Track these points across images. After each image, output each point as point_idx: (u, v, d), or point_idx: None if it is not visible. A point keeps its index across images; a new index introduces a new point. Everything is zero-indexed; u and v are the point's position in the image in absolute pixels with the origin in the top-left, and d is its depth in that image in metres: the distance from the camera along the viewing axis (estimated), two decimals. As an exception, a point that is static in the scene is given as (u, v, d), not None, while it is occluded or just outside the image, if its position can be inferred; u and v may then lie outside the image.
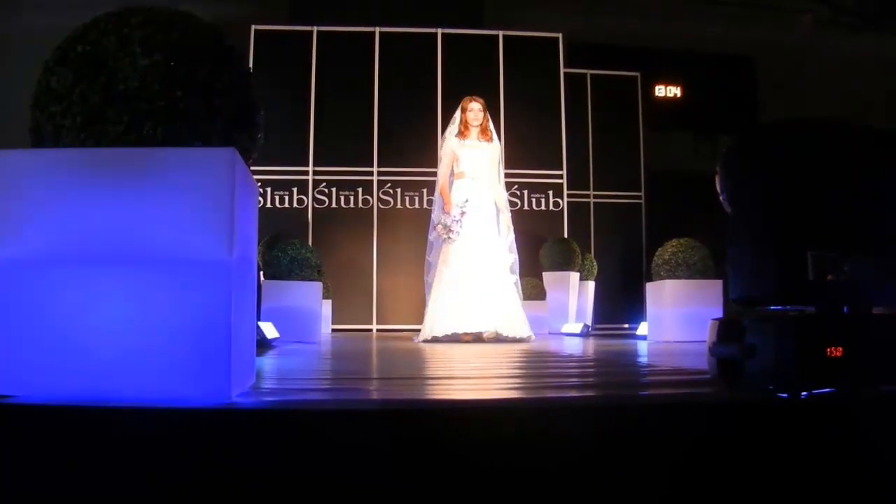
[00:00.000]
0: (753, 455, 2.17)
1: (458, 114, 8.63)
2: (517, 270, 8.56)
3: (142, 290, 2.13)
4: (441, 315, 7.98)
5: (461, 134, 8.52)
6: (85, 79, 2.25)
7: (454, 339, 7.82)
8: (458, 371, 3.87)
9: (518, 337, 7.92)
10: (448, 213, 8.23)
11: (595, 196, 12.87)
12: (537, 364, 4.24)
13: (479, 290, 7.96)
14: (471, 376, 3.55)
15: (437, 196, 8.63)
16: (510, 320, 7.99)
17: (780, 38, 13.15)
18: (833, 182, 2.52)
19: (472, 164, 8.42)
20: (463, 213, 8.14)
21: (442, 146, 8.76)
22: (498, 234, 8.44)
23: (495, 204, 8.52)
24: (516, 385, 3.17)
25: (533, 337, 8.13)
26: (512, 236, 8.65)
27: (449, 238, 8.10)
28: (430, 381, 3.34)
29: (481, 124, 8.53)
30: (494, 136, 8.65)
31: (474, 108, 8.54)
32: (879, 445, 2.25)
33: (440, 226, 8.20)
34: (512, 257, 8.54)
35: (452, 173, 8.51)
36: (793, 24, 12.57)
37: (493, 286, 8.06)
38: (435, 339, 7.83)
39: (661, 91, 14.56)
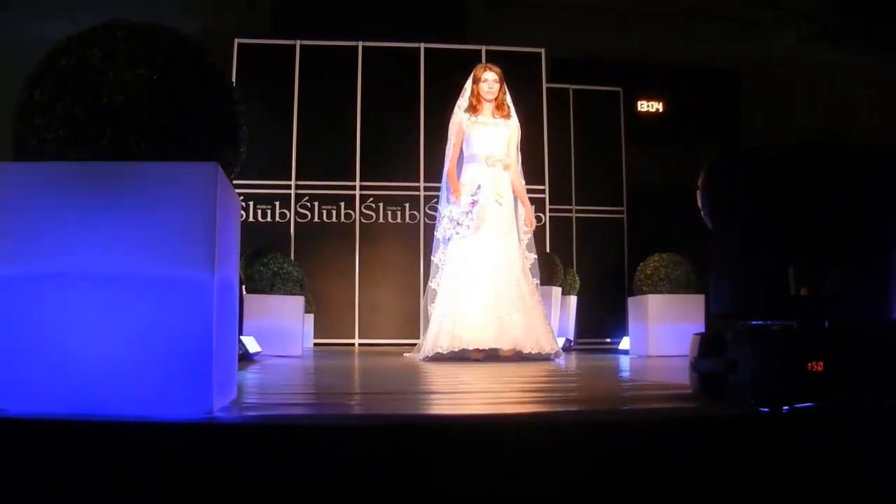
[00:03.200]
0: (735, 469, 2.18)
1: (468, 84, 7.19)
2: (537, 273, 7.22)
3: (123, 304, 2.13)
4: (448, 327, 6.54)
5: (472, 108, 7.05)
6: (69, 92, 2.25)
7: (462, 355, 6.44)
8: (440, 386, 3.88)
9: (543, 353, 6.52)
10: (456, 203, 6.82)
11: (577, 211, 12.87)
12: (520, 379, 4.24)
13: (494, 298, 6.59)
14: (453, 391, 3.55)
15: (444, 183, 7.20)
16: (533, 333, 6.58)
17: (763, 53, 13.22)
18: (813, 198, 2.53)
19: (487, 146, 6.96)
20: (474, 203, 6.69)
21: (451, 122, 7.28)
22: (517, 231, 7.01)
23: (514, 194, 7.08)
24: (498, 400, 3.18)
25: (561, 353, 6.85)
26: (531, 234, 7.23)
27: (457, 233, 6.72)
28: (412, 396, 3.34)
29: (497, 98, 7.05)
30: (513, 112, 7.15)
31: (489, 79, 7.04)
32: (861, 458, 2.26)
33: (446, 219, 6.83)
34: (532, 257, 7.18)
35: (462, 155, 7.08)
36: (775, 39, 12.64)
37: (512, 292, 6.67)
38: (438, 357, 6.44)
39: (643, 106, 14.60)
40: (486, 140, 6.97)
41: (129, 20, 2.40)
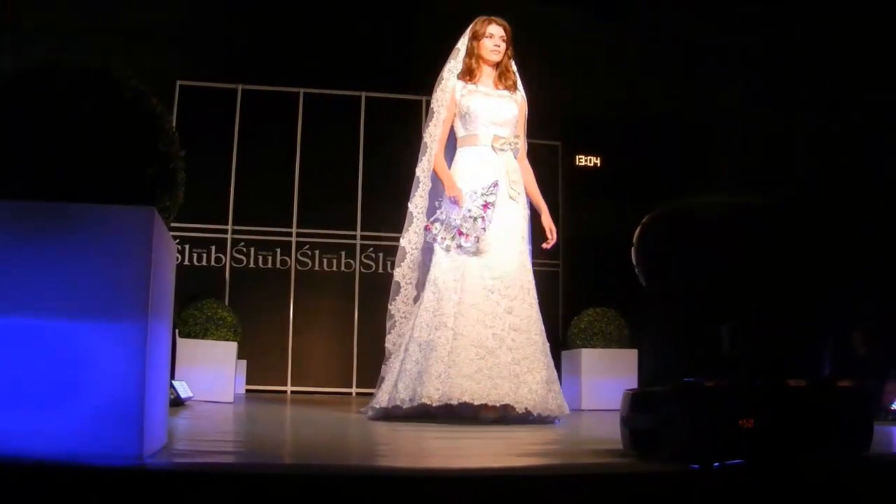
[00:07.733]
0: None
1: (462, 43, 5.35)
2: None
3: (52, 349, 2.10)
4: (436, 371, 4.63)
5: (468, 73, 5.26)
6: (6, 131, 2.23)
7: (457, 412, 4.67)
8: (373, 436, 3.85)
9: (549, 416, 4.82)
10: (455, 202, 4.90)
11: (514, 263, 12.92)
12: (448, 433, 4.21)
13: (501, 337, 4.76)
14: (385, 442, 3.54)
15: (423, 175, 5.33)
16: (542, 389, 4.80)
17: (703, 108, 13.41)
18: (744, 257, 2.57)
19: (493, 123, 5.16)
20: (487, 206, 4.80)
21: (436, 91, 5.43)
22: (528, 244, 5.21)
23: (526, 192, 5.29)
24: (426, 452, 3.17)
25: (567, 413, 4.99)
26: (551, 245, 5.43)
27: (461, 247, 4.84)
28: (342, 446, 3.32)
29: (501, 62, 5.25)
30: (520, 84, 5.41)
31: (495, 34, 5.19)
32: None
33: (438, 224, 4.95)
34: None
35: (452, 138, 5.29)
36: (714, 93, 12.84)
37: (523, 327, 4.88)
38: (415, 410, 4.68)
39: (581, 160, 14.75)
40: (491, 115, 5.18)
41: (72, 64, 2.38)
